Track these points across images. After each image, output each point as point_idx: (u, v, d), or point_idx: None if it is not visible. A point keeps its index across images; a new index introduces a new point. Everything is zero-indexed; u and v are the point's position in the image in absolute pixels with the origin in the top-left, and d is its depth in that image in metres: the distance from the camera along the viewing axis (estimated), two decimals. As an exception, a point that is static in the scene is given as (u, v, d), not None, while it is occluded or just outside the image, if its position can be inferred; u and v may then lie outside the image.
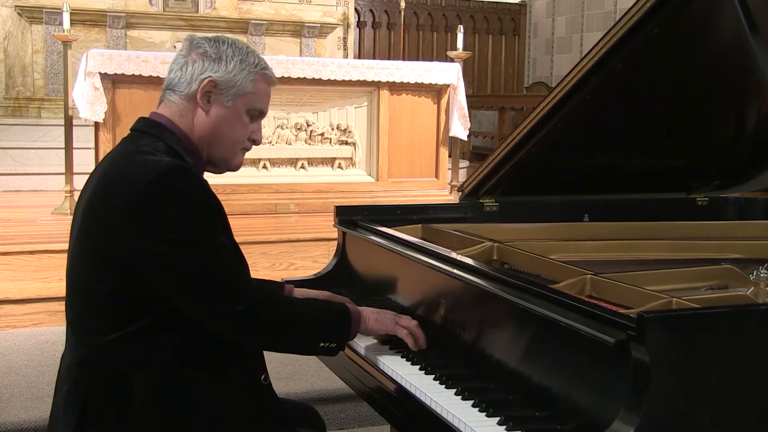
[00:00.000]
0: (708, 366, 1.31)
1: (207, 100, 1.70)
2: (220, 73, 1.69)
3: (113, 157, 1.71)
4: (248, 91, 1.72)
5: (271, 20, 8.56)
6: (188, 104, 1.71)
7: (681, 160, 2.64)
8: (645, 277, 1.82)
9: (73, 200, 5.30)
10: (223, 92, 1.70)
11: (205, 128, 1.71)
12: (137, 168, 1.59)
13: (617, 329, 1.31)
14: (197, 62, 1.70)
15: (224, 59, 1.70)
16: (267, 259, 4.52)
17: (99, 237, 1.60)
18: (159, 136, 1.68)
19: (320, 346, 1.72)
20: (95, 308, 1.62)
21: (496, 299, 1.64)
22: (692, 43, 2.17)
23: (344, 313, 1.76)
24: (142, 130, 1.72)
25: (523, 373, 1.54)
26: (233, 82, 1.70)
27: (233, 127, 1.72)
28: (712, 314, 1.39)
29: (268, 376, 1.74)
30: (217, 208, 1.66)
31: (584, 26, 10.18)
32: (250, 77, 1.71)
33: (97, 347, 1.61)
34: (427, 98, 6.02)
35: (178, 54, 1.75)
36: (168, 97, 1.73)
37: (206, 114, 1.70)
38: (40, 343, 3.80)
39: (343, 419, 3.02)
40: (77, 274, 1.66)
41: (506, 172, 2.43)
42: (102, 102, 5.04)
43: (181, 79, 1.71)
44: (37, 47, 7.81)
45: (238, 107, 1.72)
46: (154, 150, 1.64)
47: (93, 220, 1.62)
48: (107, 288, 1.59)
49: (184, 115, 1.71)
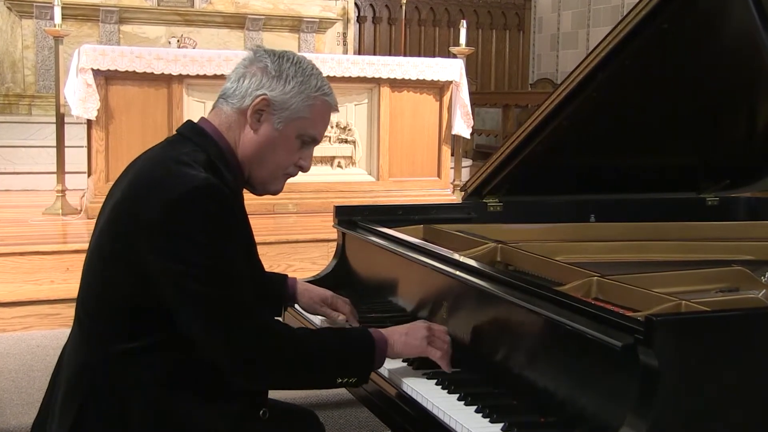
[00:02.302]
0: (718, 371, 1.31)
1: (258, 118, 1.66)
2: (276, 93, 1.65)
3: (149, 159, 1.66)
4: (303, 116, 1.67)
5: (268, 15, 8.56)
6: (239, 117, 1.67)
7: (690, 158, 2.64)
8: (653, 279, 1.82)
9: (65, 200, 5.31)
10: (276, 113, 1.66)
11: (251, 147, 1.67)
12: (170, 179, 1.55)
13: (624, 333, 1.32)
14: (256, 76, 1.66)
15: (284, 78, 1.65)
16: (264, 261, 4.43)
17: (119, 242, 1.58)
18: (202, 146, 1.64)
19: (338, 382, 1.63)
20: (105, 314, 1.61)
21: (499, 302, 1.64)
22: (702, 38, 2.17)
23: (366, 343, 1.65)
24: (187, 135, 1.68)
25: (528, 377, 1.54)
26: (288, 104, 1.65)
27: (279, 151, 1.69)
28: (722, 317, 1.39)
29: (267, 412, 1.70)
30: (242, 231, 1.64)
31: (591, 21, 10.18)
32: (308, 102, 1.67)
33: (100, 355, 1.59)
34: (429, 95, 6.02)
35: (240, 63, 1.70)
36: (220, 106, 1.70)
37: (254, 132, 1.66)
38: (31, 347, 3.80)
39: (343, 425, 3.03)
40: (92, 275, 1.64)
41: (510, 171, 2.43)
42: (94, 99, 5.04)
43: (236, 91, 1.67)
44: (28, 42, 7.81)
45: (288, 131, 1.67)
46: (193, 161, 1.59)
47: (116, 223, 1.60)
48: (119, 295, 1.58)
49: (232, 128, 1.68)
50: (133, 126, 5.19)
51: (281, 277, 2.10)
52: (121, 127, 5.17)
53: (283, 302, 2.09)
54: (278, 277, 2.11)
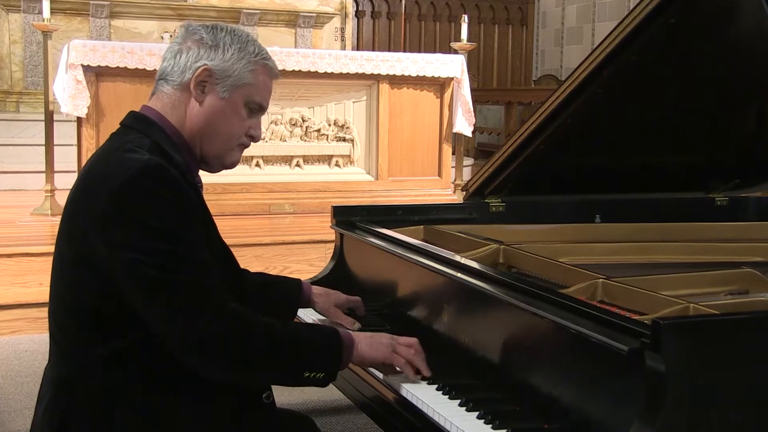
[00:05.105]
0: (727, 376, 1.31)
1: (201, 89, 1.67)
2: (216, 62, 1.66)
3: (98, 155, 1.68)
4: (247, 82, 1.68)
5: (264, 9, 8.56)
6: (181, 95, 1.68)
7: (699, 157, 2.64)
8: (660, 281, 1.82)
9: (54, 200, 5.31)
10: (219, 82, 1.67)
11: (198, 120, 1.68)
12: (115, 167, 1.57)
13: (631, 336, 1.32)
14: (192, 49, 1.67)
15: (221, 47, 1.67)
16: (260, 262, 4.53)
17: (76, 243, 1.58)
18: (146, 132, 1.66)
19: (305, 376, 1.62)
20: (77, 321, 1.61)
21: (502, 304, 1.65)
22: (711, 33, 2.17)
23: (334, 340, 1.65)
24: (130, 125, 1.70)
25: (532, 382, 1.54)
26: (230, 71, 1.67)
27: (229, 120, 1.69)
28: (731, 321, 1.39)
29: (271, 393, 1.71)
30: (198, 212, 1.63)
31: (596, 15, 10.19)
32: (249, 67, 1.68)
33: (78, 364, 1.59)
34: (430, 92, 6.02)
35: (173, 42, 1.72)
36: (160, 88, 1.71)
37: (200, 105, 1.68)
38: (19, 352, 3.80)
39: (341, 431, 3.03)
40: (58, 282, 1.65)
41: (513, 171, 2.44)
42: (84, 96, 5.04)
43: (174, 68, 1.68)
44: (15, 37, 7.81)
45: (234, 99, 1.68)
46: (138, 147, 1.61)
47: (71, 225, 1.61)
48: (88, 299, 1.58)
49: (176, 107, 1.69)
50: (124, 124, 5.17)
51: (296, 282, 2.11)
52: (112, 124, 5.10)
53: (299, 306, 2.09)
54: (293, 281, 2.11)
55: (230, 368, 1.57)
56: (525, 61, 11.43)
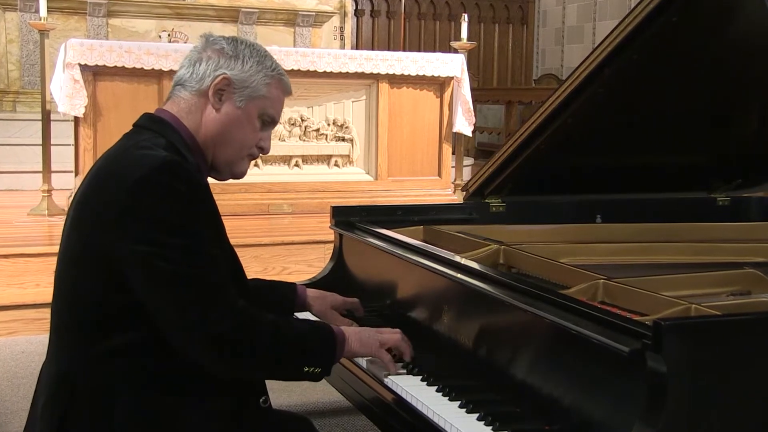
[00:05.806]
0: (729, 377, 1.31)
1: (219, 97, 1.72)
2: (235, 72, 1.71)
3: (110, 153, 1.70)
4: (262, 95, 1.74)
5: (262, 8, 8.56)
6: (198, 101, 1.73)
7: (700, 157, 2.65)
8: (662, 282, 1.83)
9: (51, 200, 5.31)
10: (237, 91, 1.72)
11: (213, 127, 1.72)
12: (131, 163, 1.60)
13: (632, 337, 1.32)
14: (212, 58, 1.73)
15: (241, 58, 1.73)
16: (259, 263, 4.53)
17: (89, 236, 1.60)
18: (161, 132, 1.69)
19: (304, 371, 1.68)
20: (80, 317, 1.62)
21: (502, 305, 1.65)
22: (714, 33, 2.17)
23: (330, 335, 1.72)
24: (144, 125, 1.72)
25: (532, 384, 1.54)
26: (248, 82, 1.72)
27: (243, 128, 1.74)
28: (733, 322, 1.39)
29: (268, 398, 1.73)
30: (210, 210, 1.66)
31: (597, 14, 10.19)
32: (266, 80, 1.74)
33: (79, 361, 1.60)
34: (429, 92, 6.02)
35: (192, 50, 1.77)
36: (177, 93, 1.75)
37: (216, 112, 1.72)
38: (15, 354, 3.80)
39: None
40: (65, 277, 1.66)
41: (514, 171, 2.44)
42: (82, 95, 5.03)
43: (193, 75, 1.73)
44: (12, 36, 7.80)
45: (250, 110, 1.74)
46: (153, 145, 1.64)
47: (84, 218, 1.63)
48: (94, 295, 1.59)
49: (192, 112, 1.73)
50: (122, 123, 5.09)
51: (290, 285, 2.13)
52: (109, 124, 5.17)
53: (294, 310, 2.11)
54: (287, 285, 2.14)
55: (239, 362, 1.62)
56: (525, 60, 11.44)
